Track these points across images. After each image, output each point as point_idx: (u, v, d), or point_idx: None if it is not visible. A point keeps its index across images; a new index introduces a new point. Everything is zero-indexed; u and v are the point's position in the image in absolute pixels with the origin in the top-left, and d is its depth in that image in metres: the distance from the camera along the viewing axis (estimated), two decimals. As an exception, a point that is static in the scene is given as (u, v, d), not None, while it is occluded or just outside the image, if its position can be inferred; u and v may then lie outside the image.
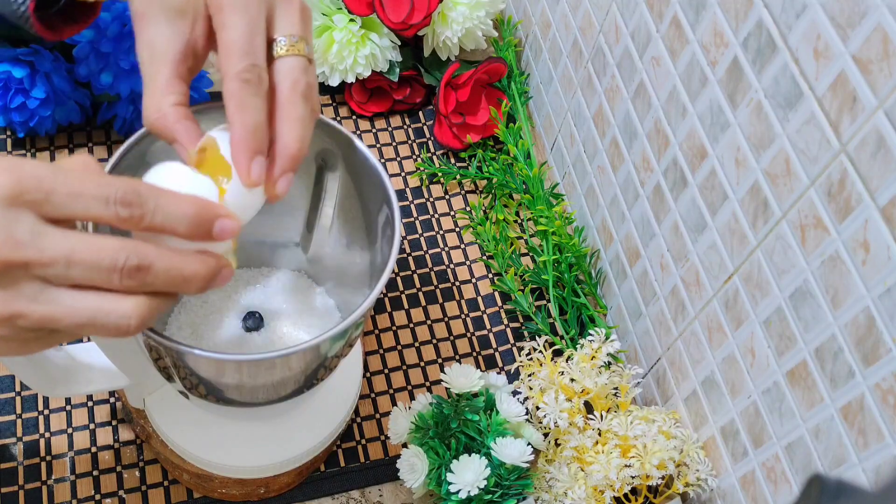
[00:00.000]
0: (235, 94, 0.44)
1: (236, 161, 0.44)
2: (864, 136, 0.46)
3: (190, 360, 0.50)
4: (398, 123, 0.90)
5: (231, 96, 0.44)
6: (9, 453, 0.67)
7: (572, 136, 0.82)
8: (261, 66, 0.45)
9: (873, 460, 0.48)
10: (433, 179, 0.87)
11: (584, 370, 0.67)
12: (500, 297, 0.81)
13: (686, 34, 0.60)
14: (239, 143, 0.44)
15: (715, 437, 0.64)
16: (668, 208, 0.66)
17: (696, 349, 0.65)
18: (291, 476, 0.66)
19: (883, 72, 0.44)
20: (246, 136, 0.44)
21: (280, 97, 0.46)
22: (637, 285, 0.73)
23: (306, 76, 0.46)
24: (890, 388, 0.47)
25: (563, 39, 0.82)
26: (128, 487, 0.67)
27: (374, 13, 0.83)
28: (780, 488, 0.57)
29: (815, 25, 0.48)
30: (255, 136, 0.44)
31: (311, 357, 0.52)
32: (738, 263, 0.58)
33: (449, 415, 0.66)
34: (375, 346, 0.76)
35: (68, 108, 0.78)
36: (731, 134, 0.57)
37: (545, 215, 0.80)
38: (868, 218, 0.46)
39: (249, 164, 0.44)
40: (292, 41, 0.46)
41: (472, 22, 0.85)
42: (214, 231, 0.42)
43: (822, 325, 0.51)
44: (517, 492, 0.64)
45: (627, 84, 0.70)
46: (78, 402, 0.69)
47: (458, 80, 0.85)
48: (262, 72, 0.45)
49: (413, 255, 0.82)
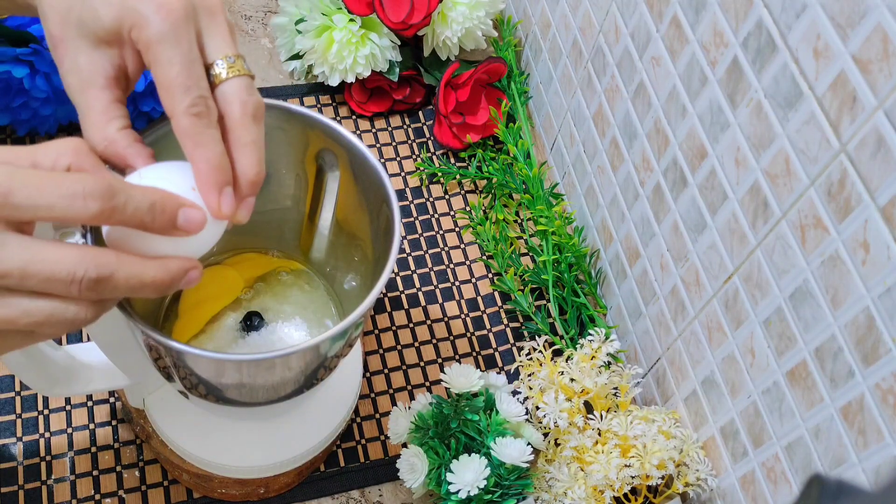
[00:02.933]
0: (189, 131, 0.43)
1: (205, 196, 0.43)
2: (864, 136, 0.46)
3: (190, 360, 0.50)
4: (398, 123, 0.90)
5: (184, 134, 0.43)
6: (9, 453, 0.67)
7: (572, 136, 0.82)
8: (206, 96, 0.43)
9: (873, 460, 0.48)
10: (433, 179, 0.87)
11: (583, 370, 0.67)
12: (500, 297, 0.81)
13: (686, 34, 0.60)
14: (205, 180, 0.43)
15: (715, 436, 0.64)
16: (668, 208, 0.66)
17: (695, 349, 0.65)
18: (291, 476, 0.66)
19: (883, 72, 0.44)
20: (210, 171, 0.43)
21: (230, 122, 0.44)
22: (637, 285, 0.73)
23: (252, 96, 0.45)
24: (890, 388, 0.47)
25: (562, 39, 0.82)
26: (128, 487, 0.67)
27: (373, 13, 0.83)
28: (780, 488, 0.57)
29: (815, 25, 0.48)
30: (218, 169, 0.43)
31: (311, 357, 0.52)
32: (738, 263, 0.58)
33: (449, 415, 0.66)
34: (375, 346, 0.76)
35: (69, 107, 0.78)
36: (731, 134, 0.57)
37: (545, 215, 0.80)
38: (868, 218, 0.46)
39: (219, 197, 0.43)
40: (230, 62, 0.44)
41: (471, 22, 0.85)
42: (179, 221, 0.41)
43: (822, 325, 0.51)
44: (517, 492, 0.64)
45: (627, 84, 0.70)
46: (78, 402, 0.69)
47: (458, 80, 0.85)
48: (208, 101, 0.43)
49: (413, 255, 0.82)
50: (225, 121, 0.44)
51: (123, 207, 0.39)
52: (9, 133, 0.81)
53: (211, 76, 0.44)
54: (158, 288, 0.41)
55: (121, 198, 0.39)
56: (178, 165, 0.44)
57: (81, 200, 0.38)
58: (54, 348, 0.55)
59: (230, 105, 0.44)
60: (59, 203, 0.38)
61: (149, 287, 0.41)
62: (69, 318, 0.40)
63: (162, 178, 0.43)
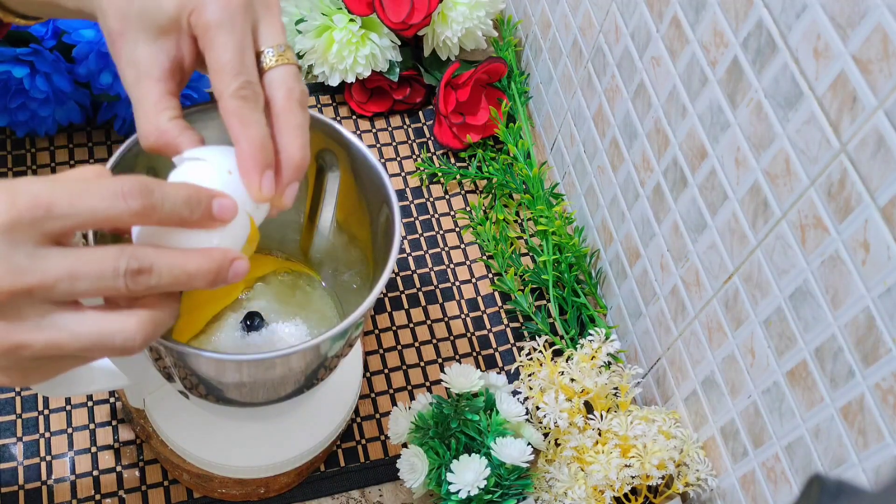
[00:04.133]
0: (236, 112, 0.44)
1: (246, 177, 0.44)
2: (864, 136, 0.46)
3: (190, 360, 0.50)
4: (398, 123, 0.90)
5: (231, 114, 0.44)
6: (9, 453, 0.67)
7: (572, 136, 0.82)
8: (255, 82, 0.45)
9: (873, 460, 0.48)
10: (433, 179, 0.87)
11: (584, 370, 0.67)
12: (500, 297, 0.81)
13: (686, 34, 0.60)
14: (248, 160, 0.44)
15: (715, 436, 0.64)
16: (668, 208, 0.66)
17: (696, 349, 0.65)
18: (291, 476, 0.66)
19: (883, 72, 0.44)
20: (254, 152, 0.44)
21: (276, 108, 0.46)
22: (637, 285, 0.73)
23: (299, 84, 0.46)
24: (890, 388, 0.47)
25: (563, 39, 0.82)
26: (128, 487, 0.67)
27: (374, 13, 0.83)
28: (780, 488, 0.57)
29: (815, 25, 0.48)
30: (262, 150, 0.44)
31: (311, 357, 0.52)
32: (738, 263, 0.58)
33: (449, 415, 0.66)
34: (375, 346, 0.76)
35: (68, 107, 0.78)
36: (731, 134, 0.57)
37: (545, 215, 0.80)
38: (868, 218, 0.46)
39: (260, 179, 0.44)
40: (280, 51, 0.46)
41: (472, 22, 0.85)
42: (214, 210, 0.42)
43: (822, 325, 0.51)
44: (517, 492, 0.64)
45: (627, 84, 0.70)
46: (78, 402, 0.69)
47: (458, 80, 0.85)
48: (256, 87, 0.45)
49: (413, 255, 0.82)
50: (271, 106, 0.46)
51: (162, 203, 0.40)
52: (8, 135, 0.81)
53: (261, 63, 0.46)
54: (206, 278, 0.41)
55: (157, 194, 0.39)
56: (219, 149, 0.45)
57: (122, 200, 0.38)
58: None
59: (277, 91, 0.46)
60: (101, 205, 0.38)
61: (195, 277, 0.41)
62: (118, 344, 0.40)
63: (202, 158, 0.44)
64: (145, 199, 0.39)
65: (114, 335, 0.40)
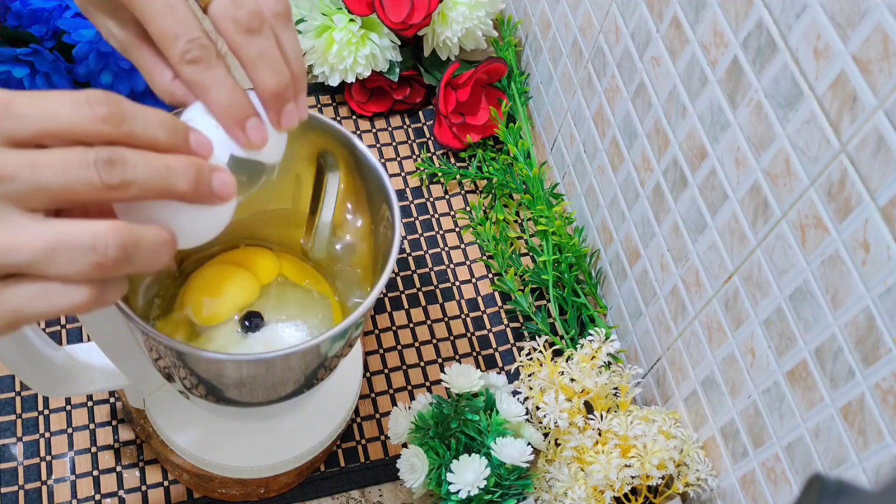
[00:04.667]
0: (190, 80, 0.42)
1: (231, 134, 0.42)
2: (864, 136, 0.46)
3: (190, 360, 0.50)
4: (398, 123, 0.90)
5: (188, 83, 0.42)
6: (9, 453, 0.67)
7: (572, 135, 0.82)
8: (197, 37, 0.42)
9: (873, 460, 0.48)
10: (433, 179, 0.87)
11: (584, 370, 0.67)
12: (500, 297, 0.81)
13: (686, 34, 0.60)
14: (223, 120, 0.42)
15: (715, 436, 0.64)
16: (668, 208, 0.66)
17: (696, 349, 0.65)
18: (291, 476, 0.66)
19: (883, 72, 0.44)
20: (223, 111, 0.42)
21: (231, 45, 0.43)
22: (637, 285, 0.73)
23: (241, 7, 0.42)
24: (890, 388, 0.47)
25: (563, 39, 0.82)
26: (128, 487, 0.67)
27: (374, 13, 0.83)
28: (780, 488, 0.57)
29: (815, 25, 0.48)
30: (231, 107, 0.42)
31: (311, 357, 0.52)
32: (738, 263, 0.58)
33: (449, 415, 0.66)
34: (375, 346, 0.76)
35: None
36: (731, 134, 0.57)
37: (545, 215, 0.80)
38: (868, 218, 0.46)
39: (244, 131, 0.42)
40: None
41: (472, 22, 0.85)
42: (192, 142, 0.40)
43: (822, 325, 0.51)
44: (517, 492, 0.64)
45: (627, 84, 0.70)
46: (78, 402, 0.69)
47: (458, 80, 0.85)
48: (202, 39, 0.42)
49: (413, 255, 0.82)
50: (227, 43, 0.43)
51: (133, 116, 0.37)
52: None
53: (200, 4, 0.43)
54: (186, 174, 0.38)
55: (127, 105, 0.37)
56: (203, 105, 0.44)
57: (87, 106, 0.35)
58: (54, 348, 0.55)
59: (223, 26, 0.42)
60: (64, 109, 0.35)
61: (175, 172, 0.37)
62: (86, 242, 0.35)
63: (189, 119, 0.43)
64: (112, 107, 0.36)
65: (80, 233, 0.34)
